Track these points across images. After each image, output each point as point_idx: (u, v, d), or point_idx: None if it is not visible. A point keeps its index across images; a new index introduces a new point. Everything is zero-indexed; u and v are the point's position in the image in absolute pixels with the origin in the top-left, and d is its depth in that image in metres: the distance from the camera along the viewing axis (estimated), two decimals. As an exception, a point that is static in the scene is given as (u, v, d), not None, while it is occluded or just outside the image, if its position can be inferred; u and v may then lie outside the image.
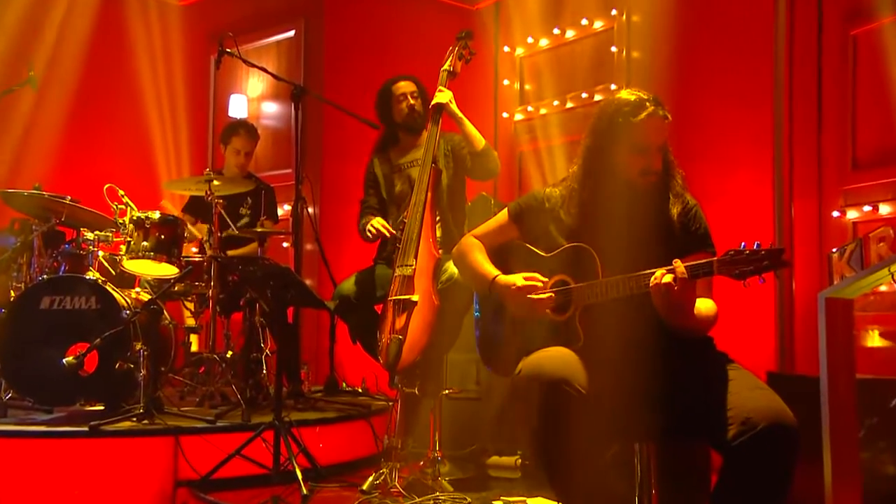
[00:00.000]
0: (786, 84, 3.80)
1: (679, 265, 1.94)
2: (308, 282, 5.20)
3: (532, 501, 3.03)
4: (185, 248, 4.01)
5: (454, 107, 3.42)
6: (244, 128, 4.64)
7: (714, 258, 1.93)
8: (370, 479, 3.07)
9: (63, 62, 5.41)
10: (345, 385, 4.58)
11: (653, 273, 1.98)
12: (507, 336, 2.37)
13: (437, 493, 2.99)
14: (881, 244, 3.10)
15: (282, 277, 3.17)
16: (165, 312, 3.69)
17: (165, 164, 5.94)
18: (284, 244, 5.47)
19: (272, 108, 5.92)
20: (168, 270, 3.75)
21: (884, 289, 3.30)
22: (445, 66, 3.48)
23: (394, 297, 3.17)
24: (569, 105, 4.77)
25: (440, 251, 3.26)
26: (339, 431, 3.60)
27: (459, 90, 3.49)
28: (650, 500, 2.19)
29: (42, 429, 3.05)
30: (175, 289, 3.83)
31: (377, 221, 3.46)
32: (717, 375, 2.04)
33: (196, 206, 4.50)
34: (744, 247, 1.87)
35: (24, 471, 2.90)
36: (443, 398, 3.24)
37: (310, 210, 4.26)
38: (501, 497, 3.10)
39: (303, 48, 5.59)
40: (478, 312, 2.51)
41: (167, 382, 3.96)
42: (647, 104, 2.13)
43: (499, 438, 3.63)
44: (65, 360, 3.14)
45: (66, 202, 3.55)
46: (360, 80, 4.71)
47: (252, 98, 5.95)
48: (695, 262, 1.94)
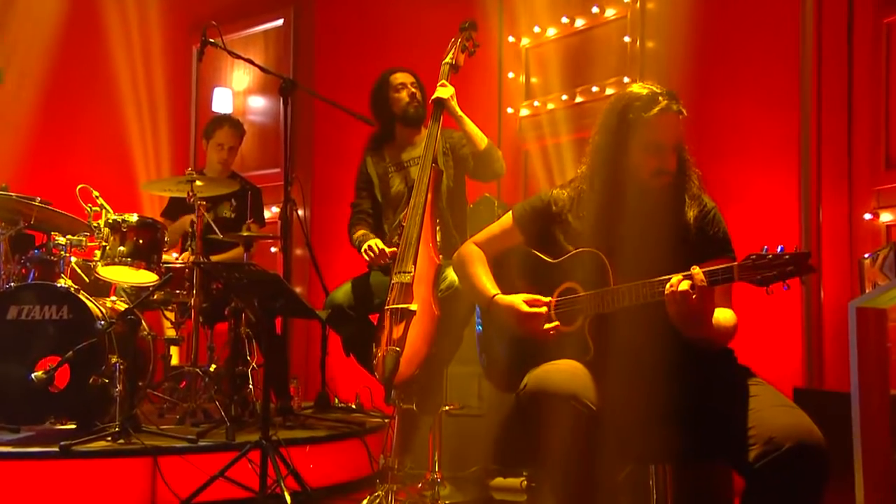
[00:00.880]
0: (813, 75, 3.80)
1: (697, 271, 1.94)
2: (298, 289, 5.24)
3: (539, 527, 3.03)
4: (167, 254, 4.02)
5: (454, 104, 3.42)
6: (229, 122, 4.65)
7: (734, 263, 1.92)
8: (365, 503, 3.06)
9: (32, 53, 5.41)
10: (337, 401, 4.59)
11: (668, 280, 1.97)
12: (511, 348, 2.36)
13: (437, 518, 3.00)
14: (917, 249, 3.09)
15: (270, 285, 3.16)
16: (144, 323, 3.69)
17: (144, 164, 5.95)
18: (272, 249, 5.49)
19: (259, 103, 5.94)
20: (146, 278, 3.75)
21: (920, 297, 3.29)
22: (447, 59, 3.47)
23: (391, 306, 3.17)
24: (578, 99, 4.76)
25: (440, 256, 3.26)
26: (331, 451, 3.61)
27: (460, 84, 3.48)
28: (666, 526, 2.19)
29: (8, 449, 3.04)
30: (154, 297, 3.85)
31: (375, 243, 3.44)
32: (739, 391, 2.04)
33: (176, 209, 4.50)
34: (766, 251, 1.86)
35: (-11, 495, 2.90)
36: (443, 415, 3.24)
37: (299, 212, 4.27)
38: (506, 522, 3.10)
39: (292, 38, 5.63)
40: (479, 326, 2.50)
41: (145, 398, 3.97)
42: (661, 98, 2.13)
43: (502, 458, 3.62)
44: (33, 375, 3.14)
45: (36, 204, 3.55)
46: (354, 74, 4.74)
47: (238, 92, 5.98)
48: (714, 268, 1.94)
